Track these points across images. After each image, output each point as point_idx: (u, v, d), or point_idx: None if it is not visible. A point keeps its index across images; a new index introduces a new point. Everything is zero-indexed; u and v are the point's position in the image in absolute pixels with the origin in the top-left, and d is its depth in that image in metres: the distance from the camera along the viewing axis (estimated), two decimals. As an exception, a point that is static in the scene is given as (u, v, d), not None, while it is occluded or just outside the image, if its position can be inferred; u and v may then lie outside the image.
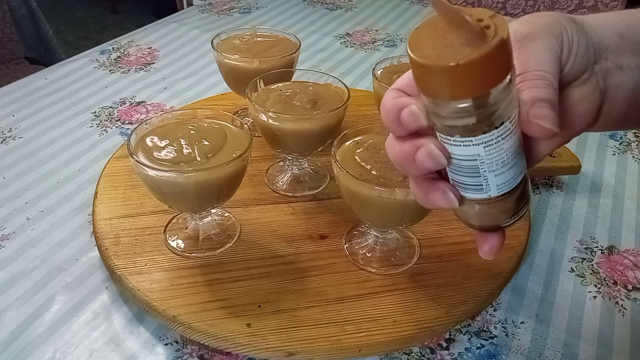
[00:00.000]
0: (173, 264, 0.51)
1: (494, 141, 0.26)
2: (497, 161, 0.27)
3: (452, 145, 0.27)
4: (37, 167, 0.67)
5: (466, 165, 0.28)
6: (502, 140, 0.26)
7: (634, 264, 0.57)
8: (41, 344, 0.46)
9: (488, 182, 0.28)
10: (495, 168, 0.27)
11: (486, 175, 0.28)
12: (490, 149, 0.27)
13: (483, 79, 0.24)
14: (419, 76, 0.26)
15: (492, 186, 0.28)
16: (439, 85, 0.25)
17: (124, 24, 2.97)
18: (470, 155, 0.27)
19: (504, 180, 0.28)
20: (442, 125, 0.27)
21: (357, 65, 0.96)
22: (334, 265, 0.51)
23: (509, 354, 0.47)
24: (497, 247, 0.32)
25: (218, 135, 0.50)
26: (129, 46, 0.99)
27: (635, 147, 0.76)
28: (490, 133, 0.26)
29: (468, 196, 0.30)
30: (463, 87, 0.24)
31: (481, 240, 0.32)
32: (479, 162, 0.27)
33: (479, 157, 0.27)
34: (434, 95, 0.26)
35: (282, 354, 0.44)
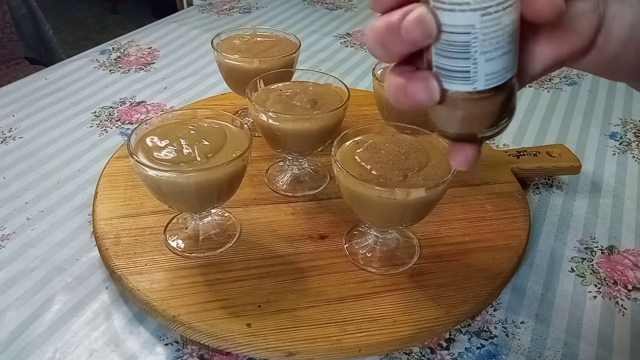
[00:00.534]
0: (173, 264, 0.51)
1: (493, 9, 0.24)
2: (492, 39, 0.25)
3: (445, 12, 0.24)
4: (37, 167, 0.67)
5: (457, 41, 0.25)
6: (502, 12, 0.24)
7: (634, 264, 0.57)
8: (41, 344, 0.46)
9: (477, 68, 0.26)
10: (489, 49, 0.25)
11: (476, 57, 0.25)
12: (487, 20, 0.24)
13: None
14: None
15: (480, 74, 0.26)
16: None
17: (124, 24, 2.97)
18: (464, 25, 0.24)
19: (494, 69, 0.26)
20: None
21: (357, 65, 0.96)
22: (334, 265, 0.51)
23: (509, 354, 0.47)
24: (472, 159, 0.29)
25: (218, 135, 0.50)
26: (129, 46, 0.99)
27: (635, 147, 0.76)
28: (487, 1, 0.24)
29: (451, 88, 0.27)
30: None
31: (455, 150, 0.30)
32: (472, 36, 0.25)
33: (473, 29, 0.24)
34: None
35: (282, 354, 0.44)
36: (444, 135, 0.30)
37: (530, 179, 0.68)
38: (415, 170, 0.46)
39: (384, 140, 0.50)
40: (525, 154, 0.66)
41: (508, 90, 0.27)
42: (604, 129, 0.80)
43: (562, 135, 0.77)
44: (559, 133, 0.78)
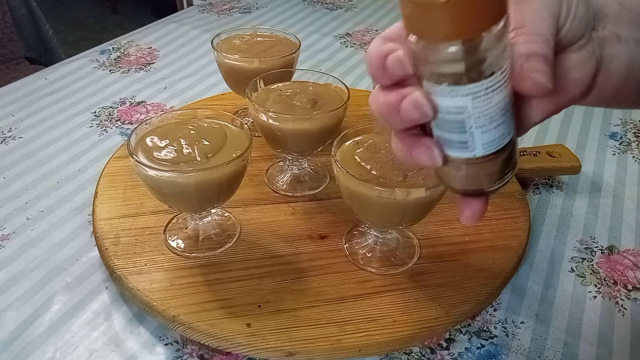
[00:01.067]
0: (173, 264, 0.51)
1: (483, 92, 0.25)
2: (485, 116, 0.26)
3: (439, 96, 0.26)
4: (37, 167, 0.67)
5: (452, 119, 0.26)
6: (492, 93, 0.25)
7: (634, 264, 0.57)
8: (41, 344, 0.46)
9: (474, 139, 0.27)
10: (483, 124, 0.26)
11: (472, 132, 0.26)
12: (479, 101, 0.25)
13: (476, 19, 0.23)
14: (408, 14, 0.25)
15: (478, 144, 0.27)
16: (429, 24, 0.24)
17: (124, 24, 2.97)
18: (457, 107, 0.26)
19: (491, 138, 0.27)
20: (429, 73, 0.26)
21: (357, 65, 0.96)
22: (334, 265, 0.51)
23: (509, 354, 0.47)
24: (479, 213, 0.31)
25: (218, 135, 0.50)
26: (129, 46, 0.99)
27: (635, 147, 0.76)
28: (480, 83, 0.25)
29: (452, 155, 0.28)
30: (454, 26, 0.23)
31: (463, 205, 0.31)
32: (466, 115, 0.26)
33: (466, 109, 0.26)
34: (423, 35, 0.24)
35: (282, 354, 0.44)
36: (451, 190, 0.31)
37: (530, 179, 0.68)
38: (415, 170, 0.46)
39: (384, 140, 0.50)
40: (525, 154, 0.66)
41: (508, 149, 0.28)
42: (604, 129, 0.80)
43: (562, 135, 0.77)
44: (559, 133, 0.78)
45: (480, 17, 0.23)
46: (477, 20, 0.23)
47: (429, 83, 0.26)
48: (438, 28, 0.24)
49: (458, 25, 0.23)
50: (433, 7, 0.23)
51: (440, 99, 0.26)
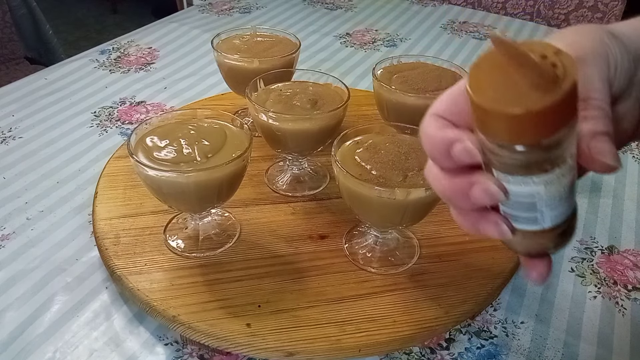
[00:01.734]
0: (173, 264, 0.51)
1: (555, 179, 0.25)
2: (556, 197, 0.26)
3: (510, 184, 0.26)
4: (37, 167, 0.67)
5: (523, 202, 0.26)
6: (562, 177, 0.25)
7: (634, 264, 0.57)
8: (41, 344, 0.46)
9: (544, 216, 0.27)
10: (553, 203, 0.26)
11: (542, 210, 0.27)
12: (551, 187, 0.25)
13: (553, 123, 0.23)
14: (481, 119, 0.24)
15: (547, 219, 0.27)
16: (504, 130, 0.23)
17: (124, 24, 2.97)
18: (529, 193, 0.26)
19: (560, 212, 0.27)
20: (500, 164, 0.25)
21: (357, 65, 0.96)
22: (334, 265, 0.51)
23: (509, 354, 0.47)
24: (546, 274, 0.30)
25: (218, 135, 0.50)
26: (129, 46, 0.99)
27: (635, 147, 0.76)
28: (553, 172, 0.25)
29: (519, 227, 0.28)
30: (532, 132, 0.23)
31: (529, 267, 0.31)
32: (537, 199, 0.26)
33: (538, 194, 0.26)
34: (498, 139, 0.24)
35: (282, 354, 0.44)
36: (516, 252, 0.31)
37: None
38: (415, 170, 0.46)
39: (384, 140, 0.50)
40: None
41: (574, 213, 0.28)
42: (604, 129, 0.79)
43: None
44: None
45: (558, 121, 0.23)
46: (555, 123, 0.23)
47: (500, 172, 0.26)
48: (515, 134, 0.23)
49: (536, 131, 0.23)
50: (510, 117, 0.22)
51: (512, 186, 0.26)
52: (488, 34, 0.25)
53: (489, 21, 1.17)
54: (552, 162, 0.24)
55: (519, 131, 0.23)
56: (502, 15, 1.23)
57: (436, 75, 0.62)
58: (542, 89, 0.22)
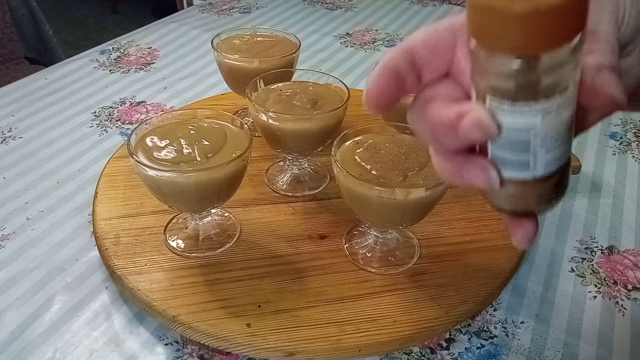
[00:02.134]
0: (173, 264, 0.51)
1: (555, 109, 0.22)
2: (552, 135, 0.23)
3: (504, 113, 0.23)
4: (37, 167, 0.67)
5: (516, 139, 0.24)
6: (562, 110, 0.23)
7: (634, 264, 0.57)
8: (41, 344, 0.46)
9: (537, 160, 0.24)
10: (549, 143, 0.24)
11: (536, 151, 0.24)
12: (549, 119, 0.23)
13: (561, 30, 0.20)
14: (481, 22, 0.21)
15: (539, 164, 0.24)
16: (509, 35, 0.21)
17: (124, 24, 2.97)
18: (525, 125, 0.23)
19: (553, 157, 0.24)
20: (495, 87, 0.23)
21: (357, 65, 0.96)
22: (334, 265, 0.51)
23: (509, 354, 0.47)
24: (532, 234, 0.28)
25: (218, 135, 0.50)
26: (129, 46, 0.99)
27: (635, 147, 0.76)
28: (554, 98, 0.22)
29: (508, 175, 0.25)
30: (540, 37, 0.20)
31: (514, 227, 0.28)
32: (532, 134, 0.23)
33: (534, 128, 0.23)
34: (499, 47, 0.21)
35: (282, 354, 0.44)
36: (499, 210, 0.29)
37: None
38: (415, 170, 0.46)
39: (384, 140, 0.50)
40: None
41: (565, 167, 0.26)
42: (604, 128, 0.80)
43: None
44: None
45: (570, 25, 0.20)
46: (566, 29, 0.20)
47: (494, 99, 0.23)
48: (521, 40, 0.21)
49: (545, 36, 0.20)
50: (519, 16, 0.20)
51: (506, 116, 0.23)
52: None
53: (489, 21, 1.17)
54: (552, 87, 0.22)
55: (527, 35, 0.20)
56: None
57: (436, 75, 0.62)
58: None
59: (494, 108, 0.23)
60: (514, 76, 0.22)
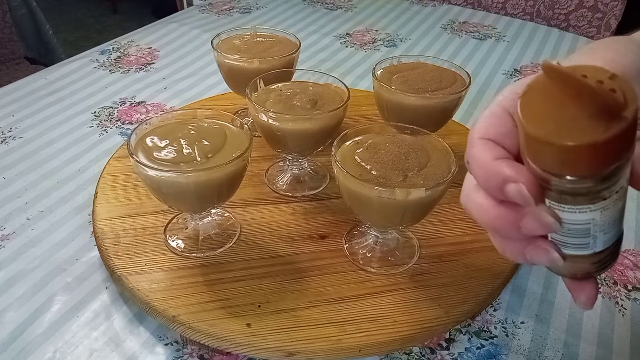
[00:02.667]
0: (173, 264, 0.51)
1: (611, 205, 0.24)
2: (610, 221, 0.26)
3: (563, 212, 0.25)
4: (37, 167, 0.67)
5: (576, 229, 0.26)
6: (618, 202, 0.25)
7: (634, 264, 0.57)
8: (41, 344, 0.46)
9: (596, 241, 0.26)
10: (607, 227, 0.26)
11: (596, 235, 0.26)
12: (606, 213, 0.25)
13: (615, 154, 0.22)
14: (536, 150, 0.23)
15: (599, 243, 0.26)
16: (562, 162, 0.22)
17: (124, 24, 2.97)
18: (585, 220, 0.25)
19: (610, 236, 0.27)
20: (555, 194, 0.24)
21: (357, 65, 0.96)
22: (334, 265, 0.51)
23: (509, 354, 0.47)
24: (594, 296, 0.29)
25: (218, 135, 0.50)
26: (129, 46, 0.99)
27: (635, 147, 0.76)
28: (610, 198, 0.24)
29: (568, 253, 0.27)
30: (591, 164, 0.22)
31: (576, 290, 0.30)
32: (592, 225, 0.25)
33: (593, 220, 0.25)
34: (555, 171, 0.23)
35: (282, 354, 0.44)
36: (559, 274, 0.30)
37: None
38: (415, 170, 0.46)
39: (384, 140, 0.50)
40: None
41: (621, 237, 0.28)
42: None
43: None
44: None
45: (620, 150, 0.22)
46: (616, 154, 0.22)
47: (554, 202, 0.25)
48: (575, 167, 0.22)
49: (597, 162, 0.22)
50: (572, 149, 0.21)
51: (565, 214, 0.25)
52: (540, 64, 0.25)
53: (489, 21, 1.17)
54: (610, 190, 0.24)
55: (578, 163, 0.22)
56: (502, 15, 1.23)
57: (436, 75, 0.62)
58: (604, 119, 0.21)
59: (553, 207, 0.25)
60: (572, 189, 0.23)
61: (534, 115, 0.23)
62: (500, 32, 1.12)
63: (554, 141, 0.21)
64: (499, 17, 1.20)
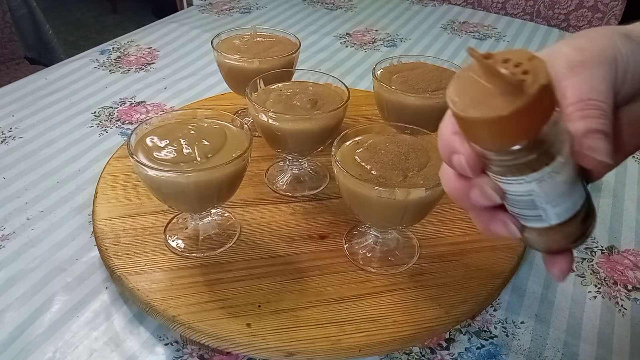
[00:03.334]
0: (173, 264, 0.51)
1: (547, 177, 0.26)
2: (553, 194, 0.27)
3: (504, 184, 0.27)
4: (37, 167, 0.67)
5: (522, 200, 0.27)
6: (555, 174, 0.26)
7: (634, 264, 0.57)
8: (41, 344, 0.46)
9: (547, 213, 0.28)
10: (552, 199, 0.27)
11: (544, 207, 0.27)
12: (544, 184, 0.26)
13: (525, 127, 0.24)
14: (462, 127, 0.26)
15: (551, 216, 0.28)
16: (482, 136, 0.25)
17: (124, 24, 2.97)
18: (524, 191, 0.27)
19: (563, 209, 0.28)
20: (491, 166, 0.27)
21: (357, 65, 0.96)
22: (334, 265, 0.51)
23: (509, 354, 0.47)
24: (567, 269, 0.31)
25: (218, 135, 0.50)
26: (129, 46, 0.99)
27: (635, 147, 0.76)
28: (542, 170, 0.26)
29: (529, 225, 0.29)
30: (505, 137, 0.24)
31: (550, 264, 0.31)
32: (535, 196, 0.27)
33: (533, 192, 0.27)
34: (479, 143, 0.26)
35: (282, 354, 0.44)
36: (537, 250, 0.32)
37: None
38: (415, 170, 0.46)
39: (384, 140, 0.50)
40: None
41: (584, 209, 0.29)
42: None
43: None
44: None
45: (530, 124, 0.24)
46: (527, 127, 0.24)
47: (493, 174, 0.27)
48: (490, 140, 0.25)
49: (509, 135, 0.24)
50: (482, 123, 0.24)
51: (507, 185, 0.27)
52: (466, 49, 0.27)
53: (489, 21, 1.17)
54: (537, 162, 0.25)
55: (495, 136, 0.24)
56: (502, 15, 1.23)
57: (436, 75, 0.62)
58: (510, 96, 0.23)
59: (495, 179, 0.27)
60: (502, 161, 0.26)
61: (458, 96, 0.25)
62: (500, 32, 1.12)
63: (464, 116, 0.24)
64: (499, 17, 1.20)
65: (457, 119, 0.25)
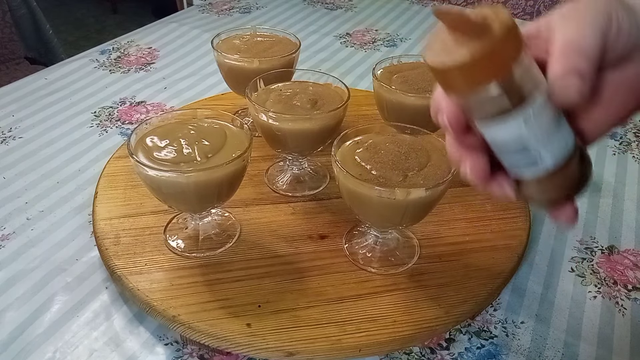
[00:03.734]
0: (173, 264, 0.51)
1: (531, 116, 0.27)
2: (542, 133, 0.28)
3: (492, 129, 0.28)
4: (37, 167, 0.67)
5: (514, 146, 0.28)
6: (540, 114, 0.27)
7: (634, 264, 0.57)
8: (41, 344, 0.46)
9: (541, 155, 0.28)
10: (542, 139, 0.28)
11: (537, 148, 0.28)
12: (530, 123, 0.27)
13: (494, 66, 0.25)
14: (437, 79, 0.27)
15: (546, 158, 0.29)
16: (455, 82, 0.26)
17: (124, 24, 2.97)
18: (513, 134, 0.28)
19: (556, 148, 0.28)
20: (477, 114, 0.28)
21: (357, 65, 0.96)
22: (334, 265, 0.51)
23: (509, 354, 0.47)
24: (574, 215, 0.32)
25: (218, 135, 0.50)
26: (129, 46, 0.99)
27: (635, 147, 0.76)
28: (523, 109, 0.27)
29: (527, 175, 0.30)
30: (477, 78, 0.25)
31: (555, 215, 0.32)
32: (525, 138, 0.28)
33: (522, 135, 0.27)
34: (455, 92, 0.27)
35: (282, 354, 0.44)
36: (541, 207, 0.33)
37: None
38: (415, 170, 0.46)
39: (384, 140, 0.50)
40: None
41: (577, 153, 0.30)
42: (604, 129, 0.79)
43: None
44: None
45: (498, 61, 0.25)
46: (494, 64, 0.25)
47: (481, 121, 0.28)
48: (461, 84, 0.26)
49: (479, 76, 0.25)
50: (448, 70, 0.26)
51: (495, 131, 0.28)
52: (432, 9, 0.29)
53: (489, 21, 1.17)
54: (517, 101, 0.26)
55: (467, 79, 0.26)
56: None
57: (436, 75, 0.62)
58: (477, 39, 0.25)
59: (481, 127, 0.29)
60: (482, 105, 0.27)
61: (431, 51, 0.27)
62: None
63: (438, 65, 0.26)
64: (499, 17, 1.20)
65: (432, 71, 0.27)
